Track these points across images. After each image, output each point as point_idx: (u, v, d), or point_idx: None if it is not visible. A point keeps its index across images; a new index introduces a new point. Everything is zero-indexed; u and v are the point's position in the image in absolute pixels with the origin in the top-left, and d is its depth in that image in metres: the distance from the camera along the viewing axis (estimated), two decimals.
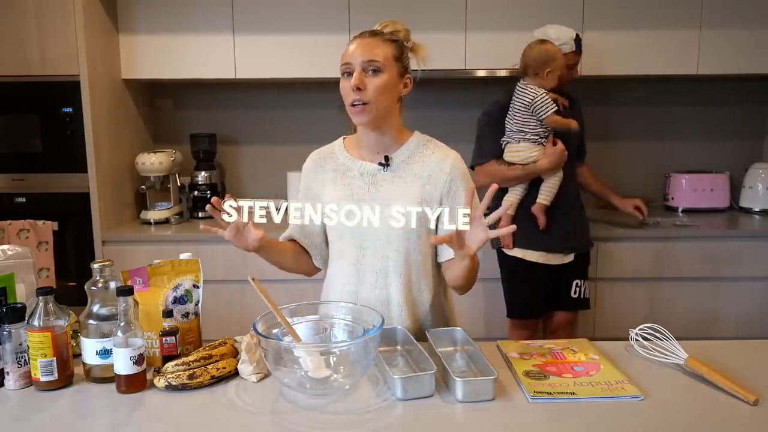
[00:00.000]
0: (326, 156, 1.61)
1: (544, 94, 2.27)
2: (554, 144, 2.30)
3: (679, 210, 3.16)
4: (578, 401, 1.21)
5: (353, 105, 1.45)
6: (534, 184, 2.36)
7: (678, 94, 3.31)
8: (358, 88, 1.43)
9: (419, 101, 3.26)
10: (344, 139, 1.63)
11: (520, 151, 2.31)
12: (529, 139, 2.30)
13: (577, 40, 2.40)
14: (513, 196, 2.38)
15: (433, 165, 1.54)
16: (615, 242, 2.74)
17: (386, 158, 1.53)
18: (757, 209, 3.11)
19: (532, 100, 2.27)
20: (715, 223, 2.92)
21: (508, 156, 2.35)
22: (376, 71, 1.45)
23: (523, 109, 2.30)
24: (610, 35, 2.87)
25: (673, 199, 3.20)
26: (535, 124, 2.29)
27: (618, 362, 1.39)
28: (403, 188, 1.51)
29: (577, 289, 2.45)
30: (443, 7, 2.86)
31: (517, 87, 2.33)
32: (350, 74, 1.45)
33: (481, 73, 2.89)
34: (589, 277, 2.55)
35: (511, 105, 2.33)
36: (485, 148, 2.43)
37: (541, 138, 2.30)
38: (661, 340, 1.42)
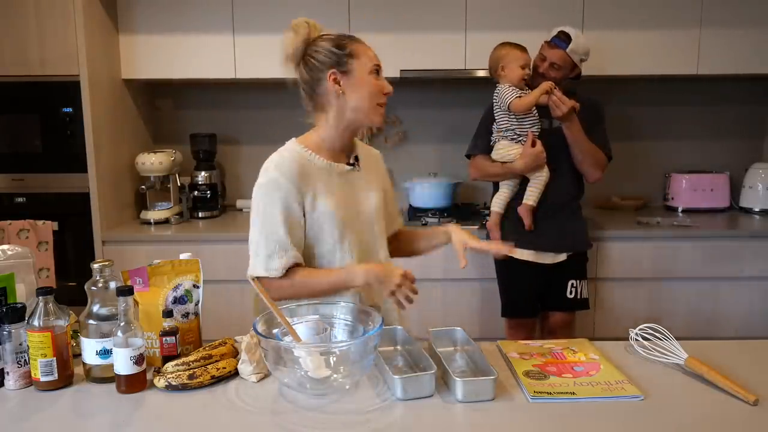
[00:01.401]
0: (304, 164, 1.51)
1: (503, 87, 2.33)
2: (533, 144, 2.29)
3: (679, 210, 3.16)
4: (578, 401, 1.21)
5: (381, 105, 1.53)
6: (526, 181, 2.38)
7: (678, 94, 3.31)
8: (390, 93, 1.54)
9: (419, 101, 3.26)
10: (297, 141, 1.59)
11: (500, 149, 2.35)
12: (507, 138, 2.33)
13: (559, 35, 2.36)
14: (503, 193, 2.41)
15: (374, 157, 1.70)
16: (615, 242, 2.74)
17: (356, 158, 1.60)
18: (757, 209, 3.10)
19: (496, 96, 2.36)
20: (715, 223, 2.92)
21: (493, 153, 2.39)
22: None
23: (497, 109, 2.37)
24: (610, 35, 2.87)
25: (673, 199, 3.20)
26: (510, 123, 2.32)
27: (618, 362, 1.39)
28: (369, 180, 1.61)
29: (573, 289, 2.44)
30: (443, 7, 2.86)
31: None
32: (378, 73, 1.53)
33: (481, 73, 2.89)
34: (589, 277, 2.55)
35: (493, 109, 2.42)
36: (477, 142, 2.51)
37: (519, 136, 2.32)
38: (661, 340, 1.42)
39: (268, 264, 1.45)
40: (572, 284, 2.44)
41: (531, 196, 2.35)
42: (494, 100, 2.38)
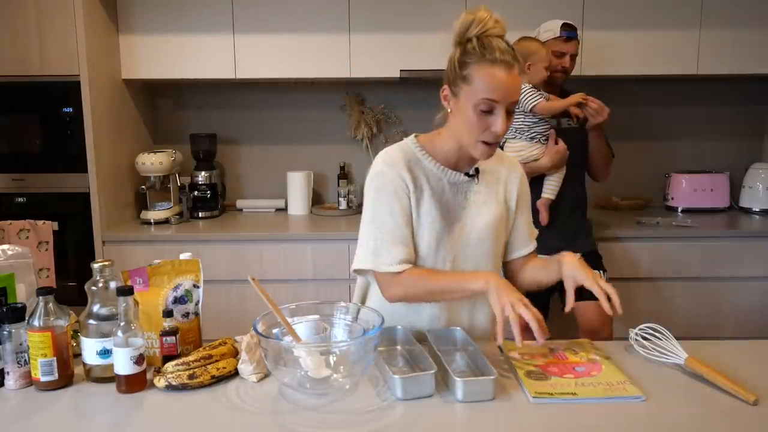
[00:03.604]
0: (412, 161, 1.46)
1: (528, 87, 2.30)
2: (556, 143, 2.31)
3: (679, 210, 3.16)
4: (579, 402, 1.21)
5: (487, 143, 1.37)
6: (533, 181, 2.37)
7: (678, 94, 3.31)
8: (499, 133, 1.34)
9: (420, 101, 3.26)
10: (417, 138, 1.51)
11: (521, 150, 2.32)
12: (528, 138, 2.31)
13: (567, 27, 2.39)
14: None
15: (507, 170, 1.57)
16: (615, 242, 2.74)
17: (476, 170, 1.50)
18: (756, 209, 3.10)
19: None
20: (715, 223, 2.91)
21: (511, 154, 2.36)
22: (513, 110, 1.38)
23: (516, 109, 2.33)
24: (610, 35, 2.87)
25: (673, 199, 3.20)
26: (532, 122, 2.30)
27: (619, 362, 1.39)
28: (487, 194, 1.52)
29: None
30: (443, 7, 2.86)
31: None
32: (490, 111, 1.33)
33: None
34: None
35: None
36: None
37: (541, 136, 2.31)
38: (661, 340, 1.42)
39: (377, 258, 1.43)
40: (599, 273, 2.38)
41: (550, 190, 2.34)
42: None
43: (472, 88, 1.34)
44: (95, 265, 1.33)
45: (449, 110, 1.42)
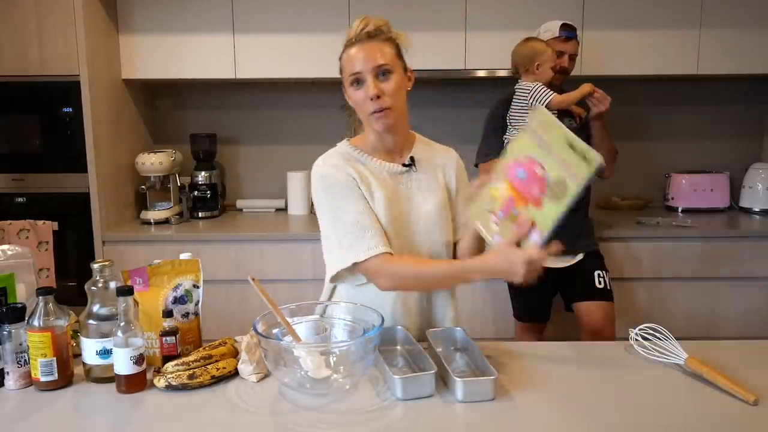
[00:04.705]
0: (351, 160, 1.51)
1: (539, 85, 2.28)
2: None
3: (679, 210, 3.16)
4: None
5: (375, 113, 1.43)
6: None
7: (678, 94, 3.31)
8: (377, 96, 1.41)
9: (419, 101, 3.25)
10: (349, 141, 1.57)
11: None
12: None
13: (566, 28, 2.39)
14: None
15: (442, 157, 1.61)
16: (615, 242, 2.74)
17: (411, 159, 1.54)
18: (756, 209, 3.10)
19: (529, 93, 2.29)
20: (715, 223, 2.91)
21: None
22: (387, 73, 1.43)
23: (524, 107, 2.31)
24: (610, 35, 2.88)
25: (673, 199, 3.20)
26: None
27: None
28: (429, 181, 1.55)
29: (602, 279, 2.38)
30: (443, 6, 2.86)
31: (515, 88, 2.35)
32: (359, 82, 1.43)
33: (481, 73, 2.89)
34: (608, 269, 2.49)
35: (511, 105, 2.35)
36: (490, 146, 2.44)
37: None
38: (661, 340, 1.42)
39: (354, 251, 1.41)
40: (599, 274, 2.38)
41: None
42: (520, 97, 2.31)
43: (344, 75, 1.47)
44: (95, 265, 1.33)
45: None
